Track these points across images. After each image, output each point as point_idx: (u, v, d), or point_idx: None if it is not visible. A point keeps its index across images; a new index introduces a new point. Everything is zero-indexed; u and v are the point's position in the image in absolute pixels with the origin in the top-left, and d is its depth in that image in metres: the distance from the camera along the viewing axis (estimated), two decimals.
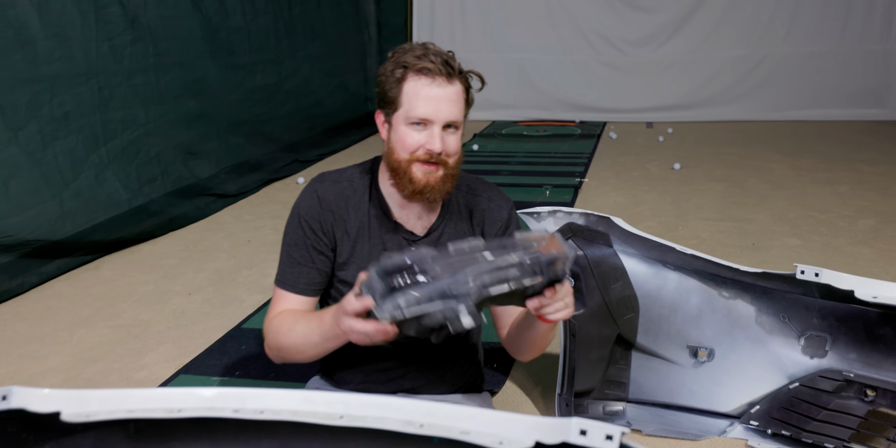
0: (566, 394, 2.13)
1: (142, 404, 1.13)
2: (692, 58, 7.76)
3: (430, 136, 1.65)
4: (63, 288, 3.34)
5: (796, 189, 4.83)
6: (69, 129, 3.46)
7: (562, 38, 7.91)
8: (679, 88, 7.79)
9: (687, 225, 4.11)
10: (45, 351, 2.73)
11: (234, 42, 4.83)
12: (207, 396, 1.14)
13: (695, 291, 2.16)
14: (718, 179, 5.13)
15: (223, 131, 4.71)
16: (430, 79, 1.64)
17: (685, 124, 7.50)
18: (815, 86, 7.61)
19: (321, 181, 1.81)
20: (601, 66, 7.92)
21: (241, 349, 2.70)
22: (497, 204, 1.87)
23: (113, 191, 3.72)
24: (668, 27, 7.76)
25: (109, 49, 3.68)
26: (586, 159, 5.92)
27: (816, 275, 1.94)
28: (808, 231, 3.97)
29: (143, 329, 2.90)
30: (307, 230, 1.77)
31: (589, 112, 7.90)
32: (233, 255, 3.77)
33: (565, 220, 2.13)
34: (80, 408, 1.11)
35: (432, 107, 1.63)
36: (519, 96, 7.97)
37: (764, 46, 7.65)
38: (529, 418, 1.03)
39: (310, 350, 1.70)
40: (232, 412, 1.11)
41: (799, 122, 7.43)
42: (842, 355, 2.05)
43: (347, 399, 1.13)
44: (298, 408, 1.13)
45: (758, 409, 2.08)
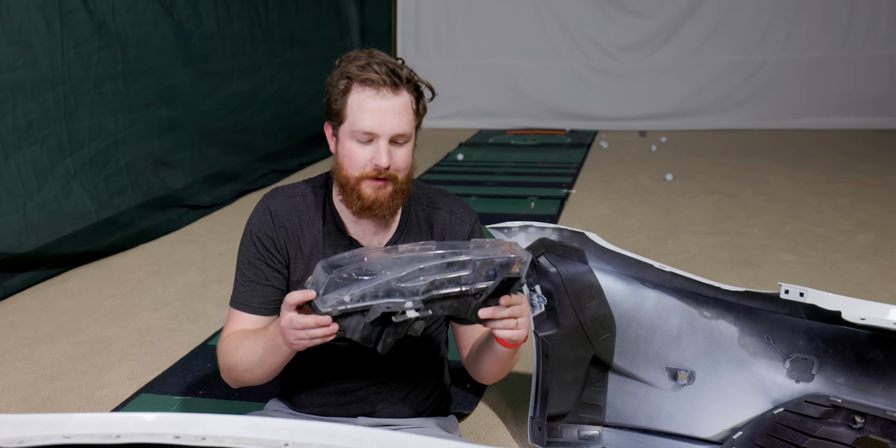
0: (539, 417, 2.06)
1: (79, 429, 1.09)
2: (688, 64, 7.64)
3: (376, 150, 1.59)
4: (27, 302, 3.27)
5: (793, 201, 4.72)
6: (33, 139, 3.38)
7: (552, 44, 7.80)
8: (674, 96, 7.67)
9: (677, 239, 4.01)
10: (4, 368, 2.67)
11: (207, 48, 4.74)
12: (148, 421, 1.10)
13: (674, 311, 2.06)
14: (712, 191, 5.03)
15: (197, 140, 4.62)
16: (375, 90, 1.57)
17: (680, 133, 7.39)
18: (816, 93, 7.48)
19: (273, 197, 1.76)
20: (593, 73, 7.81)
21: (205, 367, 2.64)
22: (459, 217, 1.79)
23: (80, 202, 3.64)
24: (663, 32, 7.65)
25: (76, 56, 3.60)
26: (575, 170, 5.82)
27: (801, 294, 1.84)
28: (804, 246, 3.86)
29: (106, 345, 2.84)
30: (259, 246, 1.73)
31: (580, 120, 7.79)
32: (204, 268, 3.68)
33: (538, 235, 2.03)
34: (13, 433, 1.07)
35: (377, 120, 1.57)
36: (507, 104, 7.88)
37: (763, 52, 7.53)
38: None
39: (256, 368, 1.65)
40: (173, 438, 1.07)
41: (799, 131, 7.32)
42: (829, 379, 1.95)
43: (293, 426, 1.09)
44: (242, 434, 1.09)
45: (740, 435, 1.99)
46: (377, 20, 7.68)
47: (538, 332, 2.00)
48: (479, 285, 1.43)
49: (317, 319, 1.38)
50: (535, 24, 7.79)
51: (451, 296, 1.42)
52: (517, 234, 2.03)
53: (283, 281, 1.75)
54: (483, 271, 1.42)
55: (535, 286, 2.02)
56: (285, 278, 1.75)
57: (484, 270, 1.42)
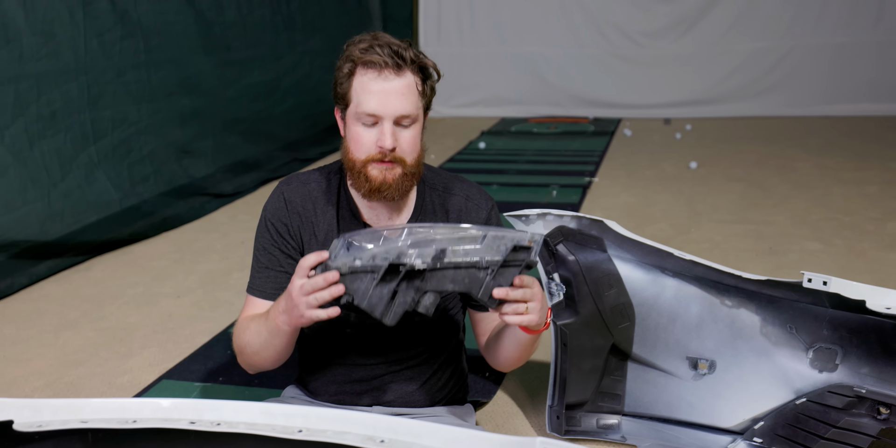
0: (557, 406, 2.04)
1: (96, 414, 1.12)
2: (713, 50, 7.52)
3: (380, 132, 1.58)
4: (52, 289, 3.31)
5: (820, 189, 4.65)
6: (57, 128, 3.41)
7: (575, 31, 7.72)
8: (699, 83, 7.57)
9: (700, 227, 3.97)
10: (30, 354, 2.70)
11: (229, 37, 4.74)
12: (164, 407, 1.13)
13: (695, 299, 2.04)
14: (737, 179, 4.97)
15: (219, 129, 4.64)
16: (377, 72, 1.57)
17: (705, 121, 7.29)
18: (845, 79, 7.33)
19: (288, 183, 1.77)
20: (616, 60, 7.72)
21: (226, 354, 2.65)
22: (475, 203, 1.79)
23: (103, 191, 3.66)
24: (688, 18, 7.53)
25: (98, 45, 3.62)
26: (598, 158, 5.77)
27: (824, 283, 1.82)
28: (831, 234, 3.80)
29: (128, 332, 2.86)
30: (274, 233, 1.74)
31: (603, 108, 7.71)
32: (225, 256, 3.70)
33: (556, 223, 2.02)
34: (32, 417, 1.10)
35: (380, 101, 1.57)
36: (529, 92, 7.82)
37: (791, 37, 7.39)
38: (494, 436, 1.01)
39: (263, 350, 1.67)
40: (188, 424, 1.10)
41: (827, 118, 7.20)
42: (853, 369, 1.93)
43: (307, 412, 1.11)
44: (256, 420, 1.11)
45: (762, 425, 1.97)
46: (399, 8, 7.64)
47: (556, 321, 1.99)
48: (489, 258, 1.43)
49: (325, 276, 1.39)
50: (559, 11, 7.71)
51: (462, 266, 1.43)
52: (535, 222, 2.01)
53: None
54: (494, 246, 1.43)
55: (553, 274, 2.00)
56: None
57: (495, 245, 1.43)
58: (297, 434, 1.07)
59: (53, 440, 1.14)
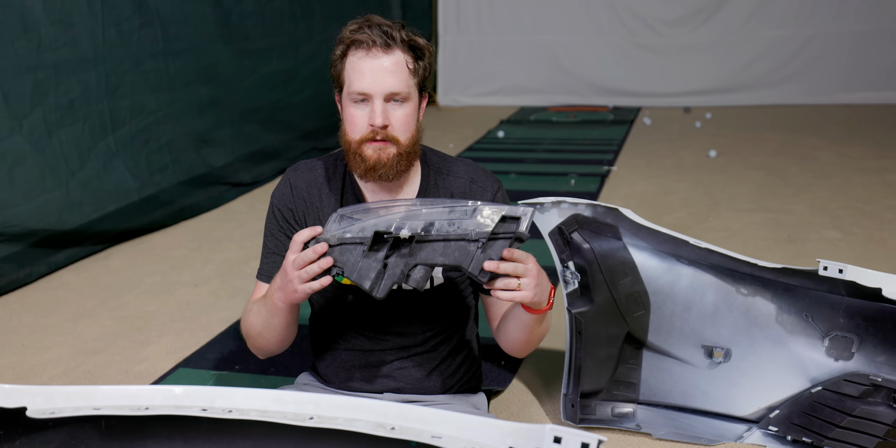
0: (572, 394, 2.04)
1: (108, 401, 1.12)
2: (733, 38, 7.46)
3: (371, 110, 1.59)
4: (71, 278, 3.33)
5: (840, 178, 4.60)
6: (75, 117, 3.42)
7: (594, 19, 7.68)
8: (719, 71, 7.51)
9: (718, 216, 3.94)
10: (48, 342, 2.72)
11: (247, 26, 4.74)
12: (176, 394, 1.13)
13: (710, 288, 2.03)
14: (757, 167, 4.93)
15: (237, 118, 4.64)
16: (365, 51, 1.58)
17: (725, 109, 7.24)
18: (867, 67, 7.27)
19: (295, 170, 1.79)
20: (636, 48, 7.67)
21: (242, 343, 2.59)
22: (480, 185, 1.78)
23: (122, 180, 3.68)
24: (708, 6, 7.47)
25: (116, 34, 3.62)
26: (616, 146, 5.74)
27: (840, 271, 1.81)
28: (850, 223, 3.77)
29: (146, 321, 2.88)
30: (280, 218, 1.76)
31: (622, 97, 7.67)
32: (243, 245, 3.71)
33: (571, 210, 2.00)
34: (45, 404, 1.10)
35: (369, 79, 1.57)
36: (549, 80, 7.79)
37: (812, 25, 7.32)
38: (503, 423, 1.00)
39: (265, 331, 1.70)
40: (200, 411, 1.10)
41: (848, 107, 7.13)
42: (869, 358, 1.91)
43: (318, 399, 1.11)
44: (268, 408, 1.11)
45: (777, 413, 1.97)
46: None
47: (571, 309, 1.99)
48: (479, 230, 1.43)
49: (315, 248, 1.44)
50: (578, 0, 7.66)
51: (451, 238, 1.44)
52: (550, 210, 2.00)
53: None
54: (484, 216, 1.44)
55: (568, 263, 2.00)
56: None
57: (485, 217, 1.44)
58: (308, 421, 1.07)
59: (67, 427, 1.15)
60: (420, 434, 1.04)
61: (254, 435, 1.18)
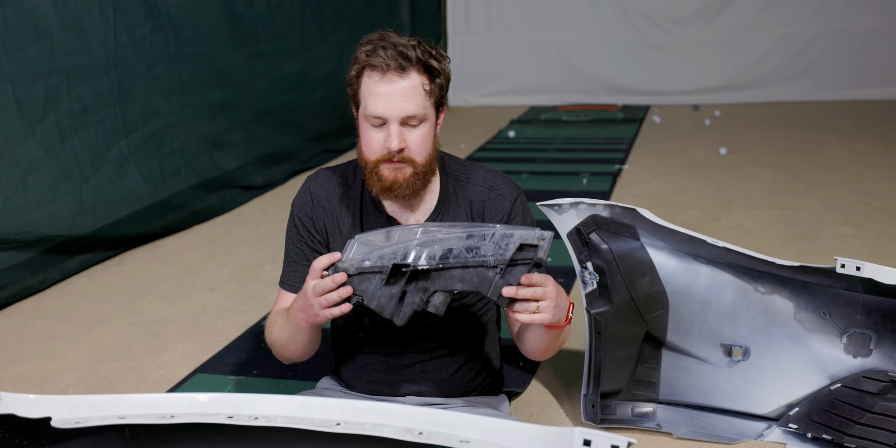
0: (592, 394, 2.05)
1: (133, 410, 1.11)
2: (741, 36, 7.45)
3: (387, 134, 1.60)
4: (85, 284, 3.33)
5: (851, 174, 4.60)
6: (88, 123, 3.43)
7: (602, 18, 7.67)
8: (727, 69, 7.50)
9: (731, 213, 3.94)
10: (63, 349, 2.71)
11: (258, 29, 4.75)
12: (201, 401, 1.12)
13: (728, 286, 2.03)
14: (767, 165, 4.92)
15: (249, 121, 4.65)
16: (381, 75, 1.58)
17: (734, 107, 7.23)
18: (874, 63, 7.25)
19: (315, 178, 1.81)
20: (645, 47, 7.66)
21: (259, 347, 2.66)
22: (499, 193, 1.78)
23: (135, 185, 3.68)
24: (716, 4, 7.46)
25: (129, 39, 3.63)
26: (627, 145, 5.74)
27: (858, 268, 1.81)
28: (862, 219, 3.76)
29: (161, 326, 2.87)
30: (300, 227, 1.78)
31: (632, 95, 7.66)
32: (257, 248, 3.72)
33: (588, 211, 2.01)
34: (70, 414, 1.09)
35: (384, 104, 1.58)
36: (558, 80, 7.79)
37: (819, 22, 7.31)
38: (532, 427, 1.00)
39: (289, 344, 1.73)
40: (226, 418, 1.09)
41: (856, 103, 7.11)
42: (887, 354, 1.93)
43: (345, 405, 1.10)
44: (294, 414, 1.11)
45: (797, 411, 1.97)
46: None
47: (590, 310, 1.99)
48: (497, 257, 1.44)
49: (334, 278, 1.45)
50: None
51: (469, 265, 1.44)
52: (568, 211, 2.01)
53: None
54: (503, 244, 1.44)
55: (586, 263, 2.00)
56: None
57: (503, 243, 1.44)
58: (335, 427, 1.07)
59: (91, 436, 1.15)
60: (448, 438, 1.04)
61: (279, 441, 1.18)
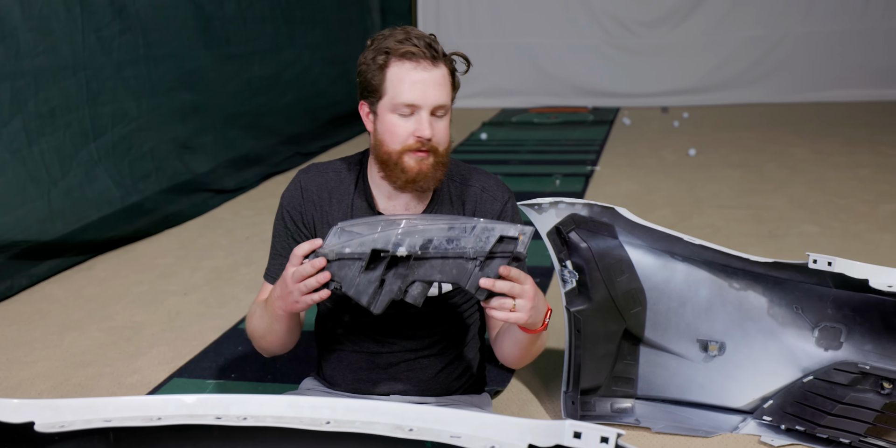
0: (572, 391, 2.07)
1: (119, 413, 1.11)
2: (708, 39, 7.58)
3: (418, 121, 1.60)
4: (54, 290, 3.27)
5: (816, 174, 4.69)
6: (56, 125, 3.37)
7: (572, 21, 7.75)
8: (695, 71, 7.62)
9: (702, 213, 3.99)
10: (34, 356, 2.66)
11: (229, 31, 4.71)
12: (188, 403, 1.12)
13: (704, 283, 2.07)
14: (735, 165, 5.00)
15: (220, 124, 4.60)
16: (415, 63, 1.59)
17: (702, 108, 7.34)
18: (836, 66, 7.42)
19: (307, 172, 1.80)
20: (614, 50, 7.76)
21: (237, 351, 2.64)
22: (491, 194, 1.78)
23: (104, 188, 3.62)
24: (683, 7, 7.58)
25: (97, 41, 3.58)
26: (598, 147, 5.80)
27: (829, 264, 1.86)
28: (828, 217, 3.84)
29: (136, 331, 2.83)
30: (289, 221, 1.77)
31: (602, 97, 7.74)
32: (231, 252, 3.69)
33: (568, 210, 2.03)
34: (54, 418, 1.08)
35: (418, 91, 1.58)
36: (529, 82, 7.84)
37: (783, 26, 7.46)
38: (522, 421, 1.01)
39: (268, 334, 1.72)
40: (214, 419, 1.09)
41: (820, 104, 7.26)
42: (857, 347, 1.97)
43: (334, 404, 1.11)
44: (283, 414, 1.11)
45: (771, 403, 2.02)
46: (398, 0, 7.61)
47: (570, 307, 2.01)
48: (477, 248, 1.44)
49: (313, 263, 1.44)
50: (556, 2, 7.74)
51: (449, 256, 1.44)
52: (548, 211, 2.03)
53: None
54: (483, 237, 1.44)
55: (566, 262, 2.02)
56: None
57: (484, 236, 1.44)
58: (325, 426, 1.07)
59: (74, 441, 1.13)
60: (439, 434, 1.04)
61: (267, 441, 1.17)
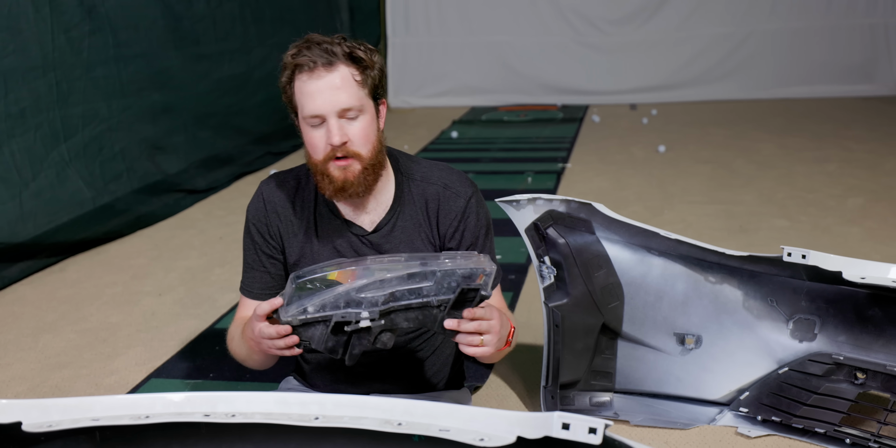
0: (551, 386, 2.09)
1: (107, 412, 1.11)
2: (675, 36, 7.64)
3: (327, 129, 1.59)
4: (26, 292, 3.24)
5: (784, 169, 4.76)
6: (26, 126, 3.34)
7: (541, 19, 7.77)
8: (662, 68, 7.68)
9: (673, 209, 4.04)
10: (9, 358, 2.64)
11: (198, 31, 4.68)
12: (176, 401, 1.12)
13: (680, 277, 2.09)
14: (705, 161, 5.05)
15: (190, 124, 4.57)
16: (309, 73, 1.57)
17: (670, 105, 7.40)
18: (801, 63, 7.52)
19: (268, 183, 1.80)
20: (582, 48, 7.79)
21: (214, 350, 2.64)
22: (453, 191, 1.77)
23: (76, 189, 3.60)
24: (650, 5, 7.63)
25: (66, 41, 3.55)
26: (569, 144, 5.83)
27: (803, 257, 1.89)
28: (797, 212, 3.90)
29: (111, 332, 2.82)
30: (255, 234, 1.77)
31: (571, 95, 7.77)
32: (204, 252, 3.67)
33: (546, 207, 2.05)
34: (41, 417, 1.08)
35: (318, 100, 1.57)
36: (498, 81, 7.86)
37: (748, 23, 7.54)
38: (511, 414, 1.02)
39: (248, 360, 1.75)
40: (202, 416, 1.09)
41: (786, 100, 7.35)
42: (831, 338, 2.01)
43: (322, 400, 1.12)
44: (272, 410, 1.11)
45: (747, 395, 2.05)
46: None
47: (548, 303, 2.03)
48: (440, 297, 1.43)
49: (277, 329, 1.44)
50: (525, 0, 7.74)
51: (413, 307, 1.44)
52: (525, 207, 2.04)
53: (280, 266, 1.79)
54: (445, 283, 1.43)
55: (544, 257, 2.04)
56: (282, 263, 1.79)
57: (446, 282, 1.43)
58: (314, 421, 1.07)
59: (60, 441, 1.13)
60: (428, 428, 1.05)
61: (254, 438, 1.18)
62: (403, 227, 1.75)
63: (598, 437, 0.98)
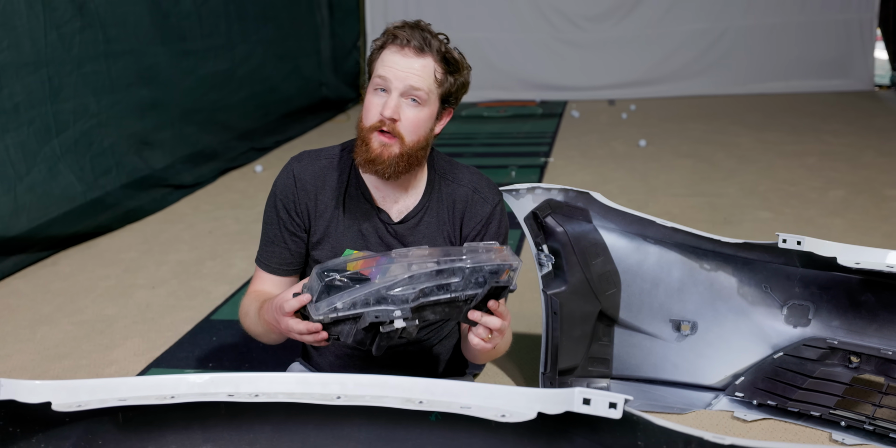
0: (550, 372, 2.12)
1: (133, 392, 1.14)
2: (652, 32, 7.72)
3: (386, 100, 1.62)
4: (20, 285, 3.24)
5: (764, 162, 4.84)
6: (20, 121, 3.33)
7: (519, 16, 7.81)
8: (640, 64, 7.75)
9: (657, 202, 4.10)
10: (8, 349, 2.66)
11: (184, 27, 4.68)
12: (199, 382, 1.15)
13: (676, 265, 2.14)
14: (686, 155, 5.12)
15: (177, 120, 4.58)
16: (399, 48, 1.62)
17: (648, 101, 7.48)
18: (777, 58, 7.62)
19: (299, 160, 1.79)
20: (560, 44, 7.85)
21: (212, 341, 2.66)
22: (482, 196, 1.81)
23: (67, 184, 3.60)
24: (627, 2, 7.70)
25: (58, 37, 3.54)
26: (550, 139, 5.88)
27: (799, 243, 1.95)
28: (779, 204, 3.98)
29: (108, 324, 2.84)
30: (281, 210, 1.77)
31: (549, 91, 7.83)
32: (195, 246, 3.69)
33: (544, 196, 2.09)
34: (70, 398, 1.10)
35: (392, 69, 1.61)
36: (477, 77, 7.70)
37: (725, 19, 7.63)
38: (531, 391, 1.04)
39: (261, 337, 1.77)
40: (226, 396, 1.12)
41: (763, 96, 7.45)
42: (825, 323, 2.06)
43: (344, 379, 1.14)
44: (294, 390, 1.14)
45: (742, 380, 2.09)
46: None
47: (547, 290, 2.07)
48: (468, 292, 1.46)
49: (308, 326, 1.45)
50: None
51: (442, 302, 1.46)
52: (525, 196, 2.09)
53: (302, 245, 1.79)
54: (473, 278, 1.46)
55: (542, 246, 2.08)
56: (304, 242, 1.79)
57: (474, 277, 1.46)
58: (336, 400, 1.10)
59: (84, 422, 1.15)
60: (449, 406, 1.07)
61: (273, 419, 1.21)
62: (429, 222, 1.77)
63: (618, 411, 1.00)
